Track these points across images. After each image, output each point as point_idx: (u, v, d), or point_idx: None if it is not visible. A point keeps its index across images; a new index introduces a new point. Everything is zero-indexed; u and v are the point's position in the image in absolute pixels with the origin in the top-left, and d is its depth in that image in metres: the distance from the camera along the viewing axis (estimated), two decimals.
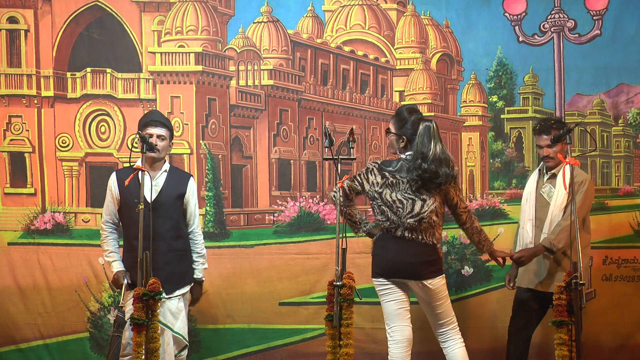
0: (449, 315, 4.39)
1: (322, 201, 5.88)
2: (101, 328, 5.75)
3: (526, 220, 4.82)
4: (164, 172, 4.65)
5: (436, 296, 4.33)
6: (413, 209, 4.26)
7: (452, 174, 4.27)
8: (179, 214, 4.66)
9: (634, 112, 5.80)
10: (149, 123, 4.60)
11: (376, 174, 4.35)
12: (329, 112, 5.99)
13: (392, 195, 4.29)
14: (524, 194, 4.94)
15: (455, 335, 4.39)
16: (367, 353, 5.64)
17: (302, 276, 5.76)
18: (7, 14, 5.87)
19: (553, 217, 4.71)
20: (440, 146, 4.25)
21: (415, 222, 4.25)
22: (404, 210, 4.27)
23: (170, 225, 4.58)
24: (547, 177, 4.85)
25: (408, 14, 6.00)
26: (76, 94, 5.87)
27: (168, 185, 4.62)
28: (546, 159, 4.81)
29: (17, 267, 5.76)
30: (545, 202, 4.80)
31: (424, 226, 4.26)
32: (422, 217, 4.25)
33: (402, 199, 4.27)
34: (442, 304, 4.36)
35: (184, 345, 4.65)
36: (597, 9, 5.75)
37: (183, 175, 4.78)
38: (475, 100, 5.92)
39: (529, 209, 4.84)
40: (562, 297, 4.22)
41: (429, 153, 4.23)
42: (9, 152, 5.85)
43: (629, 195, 5.80)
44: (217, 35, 5.88)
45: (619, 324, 5.59)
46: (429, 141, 4.25)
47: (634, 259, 5.67)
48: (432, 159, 4.22)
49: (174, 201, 4.62)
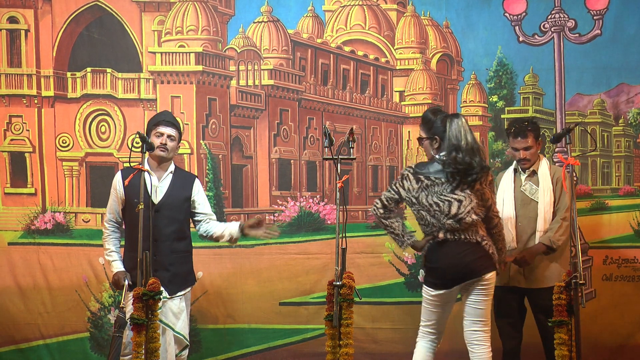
0: (487, 316, 4.27)
1: (322, 201, 5.88)
2: (101, 328, 5.75)
3: (507, 219, 4.77)
4: (170, 174, 4.65)
5: (487, 292, 4.23)
6: (450, 210, 4.18)
7: (486, 164, 4.20)
8: (184, 215, 4.66)
9: (634, 112, 5.80)
10: (160, 122, 4.60)
11: (411, 180, 4.28)
12: (329, 112, 5.99)
13: (428, 199, 4.22)
14: (500, 194, 4.86)
15: (485, 340, 4.25)
16: (367, 353, 5.64)
17: (302, 276, 5.76)
18: (7, 14, 5.87)
19: (545, 215, 4.70)
20: (471, 136, 4.20)
21: (454, 223, 4.18)
22: (441, 213, 4.20)
23: (174, 227, 4.58)
24: (525, 175, 4.85)
25: (408, 14, 6.00)
26: (76, 93, 5.87)
27: (174, 188, 4.62)
28: (522, 161, 4.81)
29: (17, 267, 5.77)
30: (527, 200, 4.80)
31: (464, 226, 4.19)
32: (461, 218, 4.17)
33: (439, 202, 4.20)
34: (487, 301, 4.24)
35: (184, 345, 4.65)
36: (598, 9, 5.75)
37: (188, 177, 4.78)
38: (475, 100, 5.92)
39: (508, 208, 4.80)
40: (562, 297, 4.21)
41: (462, 143, 4.17)
42: (9, 152, 5.86)
43: (629, 195, 5.80)
44: (218, 35, 5.88)
45: (619, 324, 5.58)
46: (459, 133, 4.19)
47: (634, 259, 5.67)
48: (466, 150, 4.16)
49: (180, 203, 4.62)
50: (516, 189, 4.85)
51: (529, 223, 4.78)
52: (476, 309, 4.24)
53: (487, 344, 4.25)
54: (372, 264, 5.76)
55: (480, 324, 4.25)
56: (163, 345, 4.44)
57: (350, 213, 4.65)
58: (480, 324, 4.25)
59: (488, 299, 4.25)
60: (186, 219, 4.68)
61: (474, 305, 4.24)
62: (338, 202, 4.25)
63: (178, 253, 4.59)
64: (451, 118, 4.25)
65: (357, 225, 5.79)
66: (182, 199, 4.63)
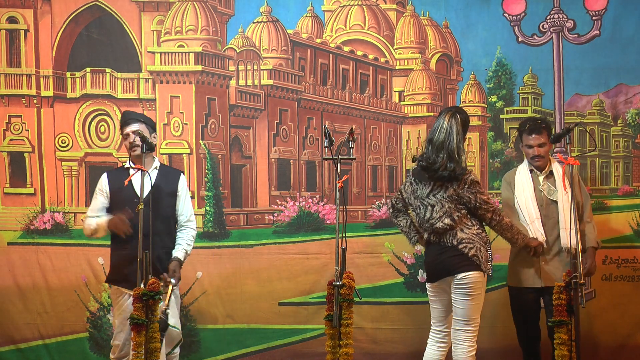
0: (467, 316, 4.28)
1: (321, 201, 5.88)
2: (100, 328, 5.75)
3: (534, 219, 4.80)
4: (155, 169, 4.67)
5: (464, 292, 4.26)
6: (425, 214, 4.33)
7: (452, 166, 4.20)
8: (171, 210, 4.68)
9: (633, 112, 5.81)
10: (123, 124, 4.66)
11: (408, 183, 4.48)
12: (328, 112, 5.99)
13: (414, 202, 4.42)
14: (521, 194, 4.86)
15: (464, 341, 4.28)
16: (367, 353, 5.64)
17: (302, 276, 5.75)
18: (6, 14, 5.86)
19: (566, 213, 4.70)
20: (444, 137, 4.23)
21: (430, 227, 4.33)
22: (423, 216, 4.36)
23: (161, 222, 4.59)
24: (543, 175, 4.87)
25: (407, 15, 6.00)
26: (76, 93, 5.87)
27: (160, 183, 4.63)
28: (536, 158, 4.84)
29: (16, 267, 5.76)
30: (547, 201, 4.82)
31: (439, 230, 4.29)
32: (433, 223, 4.30)
33: (420, 205, 4.38)
34: (466, 302, 4.26)
35: (178, 340, 4.64)
36: (597, 9, 5.76)
37: (174, 172, 4.81)
38: (474, 100, 5.92)
39: (531, 209, 4.83)
40: (561, 297, 4.22)
41: (434, 139, 4.27)
42: (8, 152, 5.85)
43: (628, 195, 5.80)
44: (217, 35, 5.88)
45: (619, 324, 5.59)
46: (435, 129, 4.30)
47: (633, 259, 5.67)
48: (434, 146, 4.25)
49: (165, 198, 4.64)
50: (535, 189, 4.87)
51: (553, 224, 4.80)
52: (456, 308, 4.31)
53: (466, 344, 4.28)
54: (372, 264, 5.76)
55: (460, 323, 4.30)
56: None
57: (349, 213, 4.66)
58: (460, 323, 4.30)
59: (467, 299, 4.27)
60: (172, 215, 4.69)
61: (454, 304, 4.32)
62: (338, 202, 4.26)
63: (166, 249, 4.62)
64: (442, 115, 4.34)
65: (357, 225, 5.79)
66: (166, 194, 4.66)
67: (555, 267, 4.75)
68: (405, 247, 5.65)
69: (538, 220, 4.80)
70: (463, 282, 4.25)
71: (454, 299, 4.30)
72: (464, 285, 4.25)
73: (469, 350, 4.28)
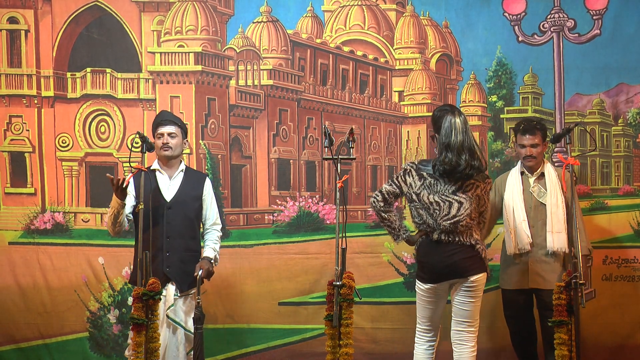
0: (472, 317, 4.28)
1: (321, 201, 5.88)
2: (101, 328, 5.75)
3: (520, 222, 4.81)
4: (181, 172, 4.70)
5: (473, 293, 4.24)
6: (450, 211, 4.17)
7: (476, 164, 4.15)
8: (196, 214, 4.70)
9: (634, 111, 5.80)
10: (159, 123, 4.67)
11: (414, 175, 4.26)
12: (328, 112, 5.99)
13: (429, 197, 4.20)
14: (508, 196, 4.88)
15: (467, 341, 4.27)
16: (367, 353, 5.64)
17: (302, 276, 5.76)
18: (7, 14, 5.87)
19: (553, 216, 4.72)
20: (463, 136, 4.14)
21: (450, 225, 4.16)
22: (440, 212, 4.18)
23: (187, 225, 4.62)
24: (533, 177, 4.88)
25: (407, 14, 6.00)
26: (76, 94, 5.88)
27: (185, 186, 4.66)
28: (528, 158, 4.84)
29: (17, 267, 5.77)
30: (536, 203, 4.83)
31: (460, 229, 4.18)
32: (459, 220, 4.17)
33: (440, 201, 4.18)
34: (473, 303, 4.25)
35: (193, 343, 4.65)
36: (597, 9, 5.75)
37: (200, 176, 4.83)
38: (474, 100, 5.92)
39: (520, 212, 4.83)
40: (562, 297, 4.22)
41: (451, 142, 4.13)
42: (9, 152, 5.86)
43: (628, 195, 5.80)
44: (217, 35, 5.88)
45: (619, 324, 5.58)
46: (450, 131, 4.15)
47: (634, 259, 5.67)
48: (454, 149, 4.12)
49: (191, 201, 4.66)
50: (525, 191, 4.87)
51: (541, 226, 4.81)
52: (461, 310, 4.27)
53: (469, 344, 4.27)
54: (371, 264, 5.76)
55: (465, 325, 4.28)
56: (174, 344, 4.48)
57: (349, 213, 4.65)
58: (464, 324, 4.28)
59: (474, 300, 4.25)
60: (197, 218, 4.71)
61: (459, 306, 4.27)
62: (338, 202, 4.25)
63: (190, 251, 4.63)
64: (447, 115, 4.20)
65: (356, 225, 5.79)
66: (192, 197, 4.67)
67: (543, 269, 4.77)
68: (405, 247, 5.63)
69: (525, 222, 4.81)
70: (474, 284, 4.22)
71: (460, 301, 4.25)
72: (474, 288, 4.22)
73: (472, 350, 4.27)
